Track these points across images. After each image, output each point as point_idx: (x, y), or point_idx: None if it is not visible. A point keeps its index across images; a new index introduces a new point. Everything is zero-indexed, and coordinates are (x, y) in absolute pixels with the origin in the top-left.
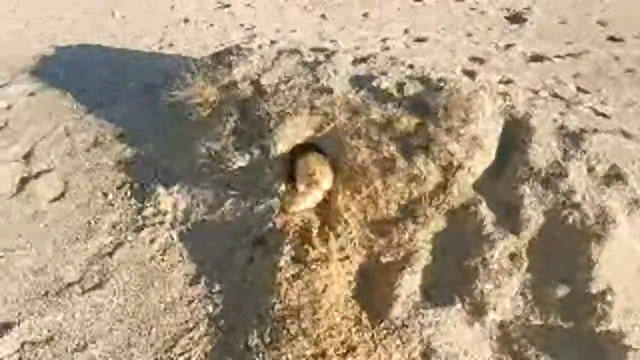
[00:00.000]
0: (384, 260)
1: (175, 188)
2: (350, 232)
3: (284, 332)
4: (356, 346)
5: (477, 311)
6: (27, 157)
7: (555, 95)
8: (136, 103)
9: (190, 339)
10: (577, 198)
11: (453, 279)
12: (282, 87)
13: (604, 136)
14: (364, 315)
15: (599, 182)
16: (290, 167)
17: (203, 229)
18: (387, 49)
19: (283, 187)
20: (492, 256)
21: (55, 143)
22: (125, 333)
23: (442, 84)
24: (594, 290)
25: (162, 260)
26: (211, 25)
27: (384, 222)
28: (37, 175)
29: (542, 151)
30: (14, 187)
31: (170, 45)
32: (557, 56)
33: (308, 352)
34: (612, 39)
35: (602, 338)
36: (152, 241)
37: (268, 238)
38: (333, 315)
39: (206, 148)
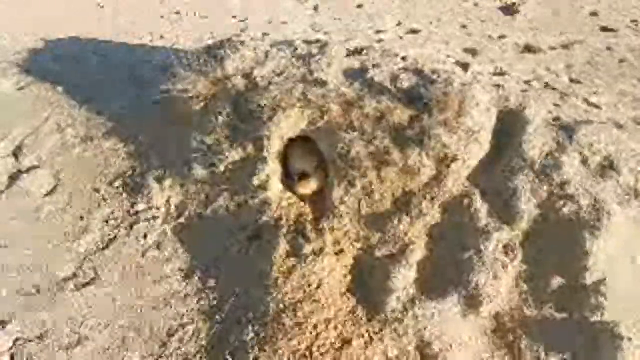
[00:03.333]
0: (378, 253)
1: (168, 183)
2: (345, 226)
3: (279, 326)
4: (352, 339)
5: (472, 303)
6: (16, 152)
7: (549, 86)
8: (127, 97)
9: (185, 334)
10: (571, 189)
11: (448, 271)
12: (275, 79)
13: (598, 127)
14: (359, 308)
15: (593, 173)
16: (284, 159)
17: (197, 223)
18: (380, 40)
19: (277, 181)
20: (486, 248)
21: (46, 138)
22: (120, 328)
23: (435, 76)
24: (588, 281)
25: (156, 255)
26: (203, 17)
27: (378, 215)
28: (27, 170)
29: (536, 142)
30: (4, 182)
31: (162, 38)
32: (550, 47)
33: (303, 346)
34: (604, 29)
35: (596, 328)
36: (145, 236)
37: (262, 232)
38: (328, 309)
39: (199, 142)
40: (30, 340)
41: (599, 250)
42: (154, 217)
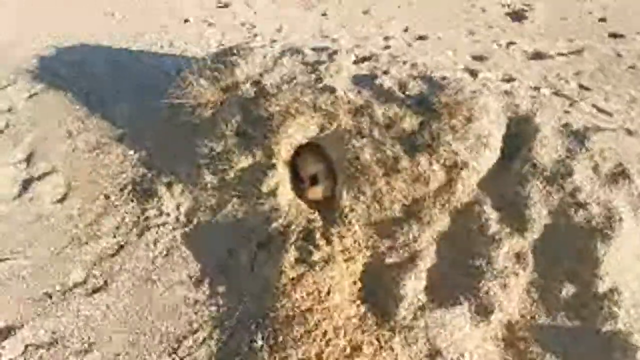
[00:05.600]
0: (388, 260)
1: (178, 189)
2: (355, 233)
3: (289, 333)
4: (362, 347)
5: (483, 311)
6: (29, 159)
7: (558, 93)
8: (137, 104)
9: (195, 341)
10: (583, 197)
11: (458, 279)
12: (284, 87)
13: (608, 134)
14: (369, 316)
15: (605, 180)
16: (293, 167)
17: (206, 230)
18: (388, 47)
19: (286, 188)
20: (497, 256)
21: (57, 145)
22: (130, 335)
23: (445, 83)
24: (600, 290)
25: (166, 261)
26: (211, 24)
27: (388, 222)
28: (40, 177)
29: (547, 150)
30: (17, 189)
31: (171, 45)
32: (559, 53)
33: (313, 353)
34: (613, 35)
35: (609, 337)
36: (155, 243)
37: (272, 239)
38: (338, 316)
39: (208, 149)
40: (41, 347)
41: (611, 259)
42: (164, 224)
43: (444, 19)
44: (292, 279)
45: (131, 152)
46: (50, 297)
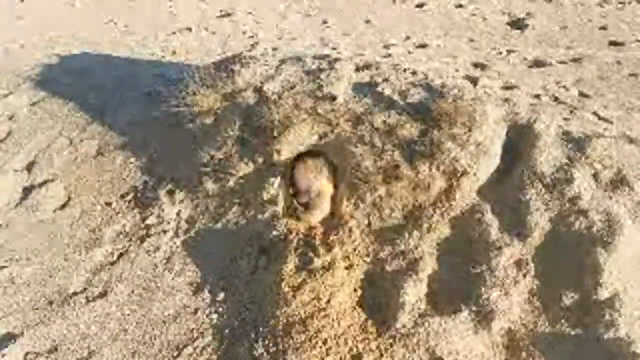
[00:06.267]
0: (389, 267)
1: (179, 197)
2: (355, 240)
3: (290, 341)
4: (362, 354)
5: (484, 318)
6: (30, 166)
7: (558, 101)
8: (139, 111)
9: (195, 348)
10: (583, 204)
11: (459, 286)
12: (285, 94)
13: (608, 141)
14: (369, 323)
15: (605, 187)
16: (292, 174)
17: (207, 237)
18: (389, 55)
19: (286, 195)
20: (498, 263)
21: (58, 152)
22: (130, 343)
23: (445, 90)
24: (601, 297)
25: (166, 269)
26: (213, 33)
27: (388, 230)
28: (41, 184)
29: (547, 157)
30: (18, 197)
31: (173, 53)
32: (559, 61)
33: None
34: (613, 43)
35: (611, 345)
36: (155, 250)
37: (272, 246)
38: (338, 324)
39: (209, 156)
40: (40, 354)
41: (612, 266)
42: (165, 231)
43: (444, 27)
44: (293, 286)
45: (132, 159)
46: (51, 304)
